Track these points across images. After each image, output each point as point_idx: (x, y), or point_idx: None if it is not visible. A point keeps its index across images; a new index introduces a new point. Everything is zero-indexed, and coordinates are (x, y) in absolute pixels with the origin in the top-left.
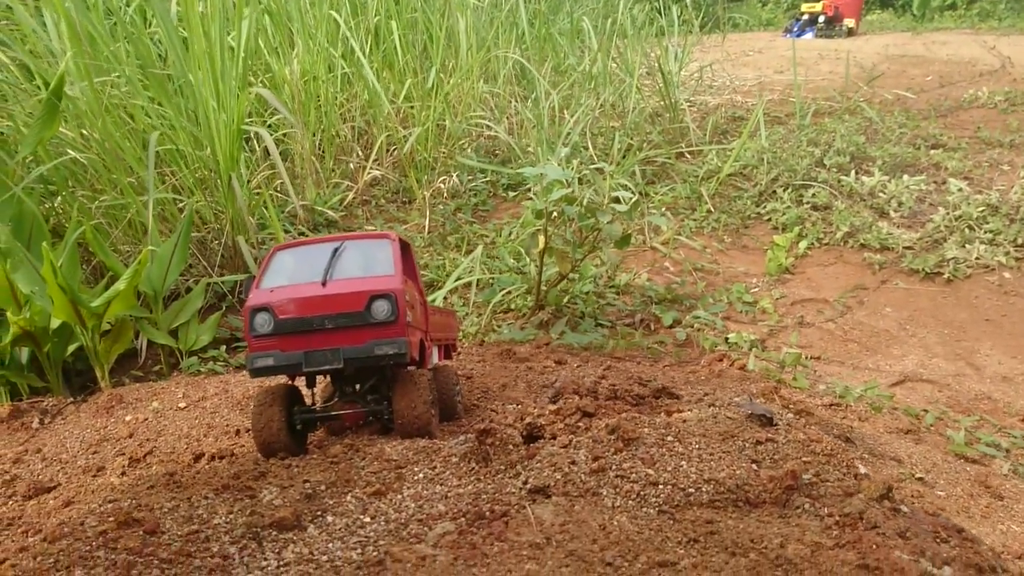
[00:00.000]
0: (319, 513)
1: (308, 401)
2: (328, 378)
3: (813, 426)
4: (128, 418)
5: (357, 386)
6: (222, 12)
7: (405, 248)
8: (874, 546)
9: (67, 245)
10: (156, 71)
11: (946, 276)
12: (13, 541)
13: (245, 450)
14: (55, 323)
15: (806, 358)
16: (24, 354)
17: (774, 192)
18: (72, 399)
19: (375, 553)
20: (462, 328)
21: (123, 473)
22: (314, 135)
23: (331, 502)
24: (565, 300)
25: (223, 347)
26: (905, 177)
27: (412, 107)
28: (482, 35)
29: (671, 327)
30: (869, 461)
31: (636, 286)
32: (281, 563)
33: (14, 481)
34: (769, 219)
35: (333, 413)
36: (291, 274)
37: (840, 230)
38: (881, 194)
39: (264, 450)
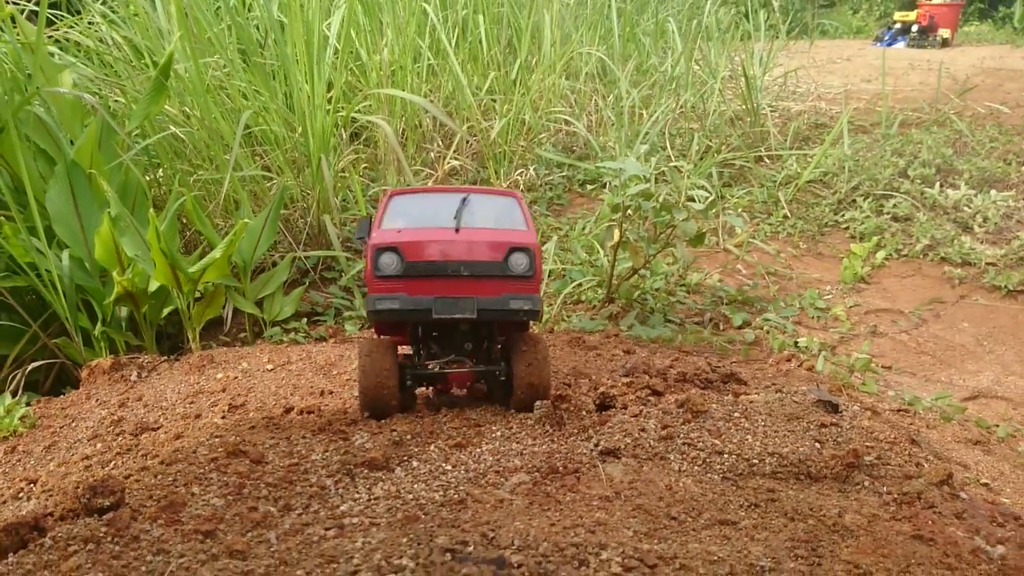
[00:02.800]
0: (405, 458)
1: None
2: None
3: (878, 421)
4: (219, 376)
5: (468, 344)
6: (319, 1)
7: None
8: (930, 522)
9: (168, 214)
10: (255, 55)
11: None
12: (134, 462)
13: (331, 408)
14: (154, 286)
15: (877, 366)
16: (124, 313)
17: (854, 201)
18: (166, 357)
19: (455, 495)
20: None
21: (223, 416)
22: (398, 123)
23: (416, 450)
24: (636, 295)
25: (304, 320)
26: (993, 192)
27: (494, 100)
28: (566, 31)
29: (740, 328)
30: (933, 462)
31: (707, 286)
32: (372, 497)
33: (121, 422)
34: (847, 227)
35: (446, 371)
36: (415, 218)
37: (920, 242)
38: (966, 208)
39: (371, 405)
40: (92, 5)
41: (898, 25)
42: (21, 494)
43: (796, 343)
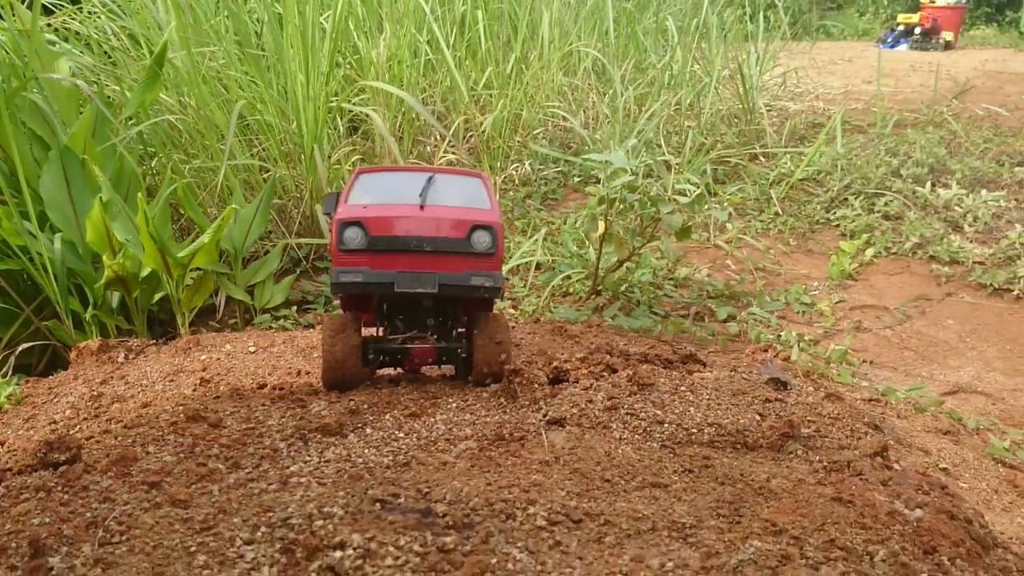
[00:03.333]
0: (360, 426)
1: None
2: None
3: (838, 407)
4: (203, 357)
5: (431, 321)
6: None
7: None
8: (852, 487)
9: (160, 200)
10: (251, 46)
11: (1015, 293)
12: (98, 427)
13: (301, 384)
14: (144, 271)
15: (860, 361)
16: (115, 298)
17: (846, 199)
18: (154, 341)
19: (403, 459)
20: (520, 308)
21: (194, 389)
22: (395, 116)
23: (371, 418)
24: (622, 288)
25: (294, 308)
26: (984, 192)
27: (491, 95)
28: (566, 28)
29: (725, 321)
30: (894, 447)
31: (695, 280)
32: (322, 460)
33: (100, 397)
34: (838, 225)
35: (408, 347)
36: (381, 195)
37: (910, 240)
38: (957, 207)
39: (332, 377)
40: None
41: (901, 27)
42: None
43: (779, 336)
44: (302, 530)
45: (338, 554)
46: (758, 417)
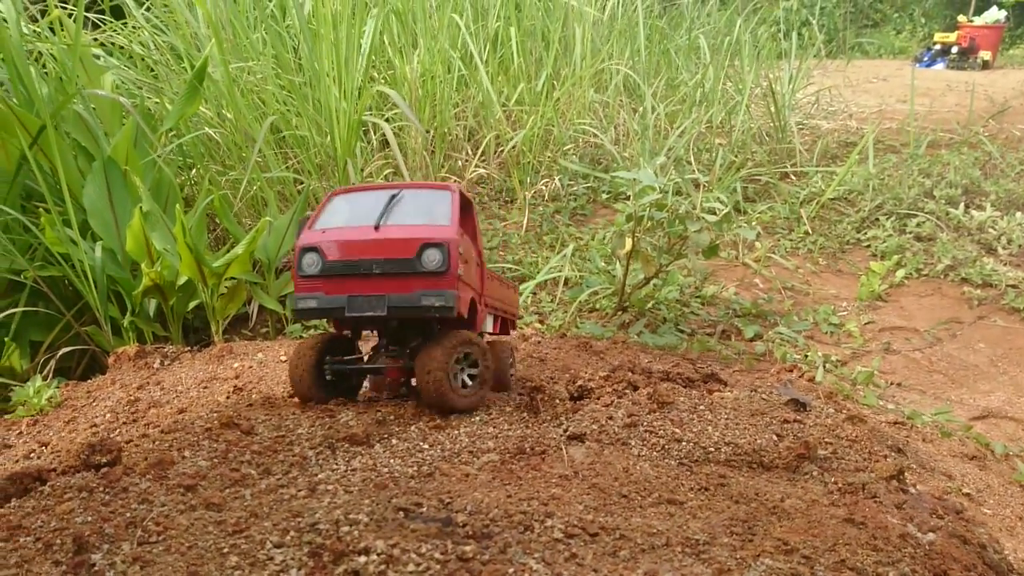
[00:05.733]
0: (386, 436)
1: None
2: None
3: (857, 429)
4: (236, 365)
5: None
6: (351, 10)
7: (467, 205)
8: (866, 509)
9: (197, 210)
10: (287, 61)
11: None
12: (137, 430)
13: None
14: (181, 279)
15: (887, 383)
16: (152, 305)
17: (877, 219)
18: (189, 348)
19: (427, 469)
20: (547, 323)
21: (227, 397)
22: (428, 131)
23: (397, 429)
24: (649, 305)
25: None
26: (1019, 215)
27: (523, 110)
28: (597, 46)
29: (751, 340)
30: (916, 471)
31: (722, 299)
32: (349, 468)
33: (137, 401)
34: (868, 246)
35: (365, 366)
36: (346, 217)
37: (942, 262)
38: (991, 230)
39: (296, 394)
40: (136, 11)
41: (938, 46)
42: (32, 454)
43: (805, 356)
44: (329, 535)
45: (363, 559)
46: (775, 437)
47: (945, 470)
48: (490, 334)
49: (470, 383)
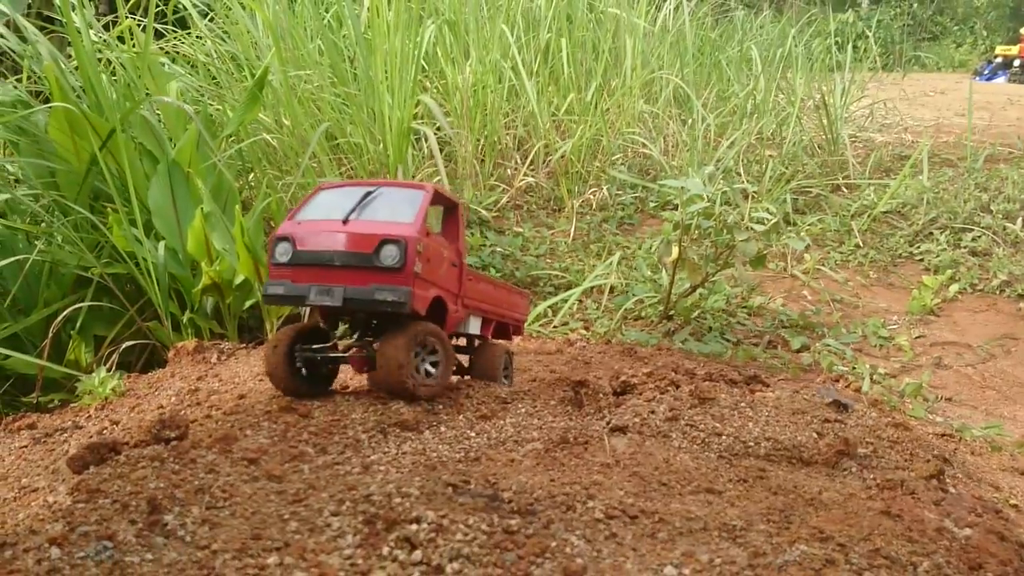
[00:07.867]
0: (435, 424)
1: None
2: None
3: (899, 432)
4: None
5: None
6: (406, 21)
7: (452, 208)
8: (903, 503)
9: (255, 212)
10: (343, 71)
11: None
12: (201, 412)
13: None
14: (238, 279)
15: (937, 398)
16: (210, 303)
17: (931, 233)
18: (244, 345)
19: (473, 455)
20: (592, 329)
21: None
22: (478, 140)
23: (446, 417)
24: (694, 314)
25: None
26: None
27: (573, 120)
28: (648, 57)
29: (798, 351)
30: (961, 480)
31: (769, 309)
32: (400, 451)
33: (197, 391)
34: (922, 259)
35: (333, 355)
36: (324, 211)
37: (997, 277)
38: None
39: (274, 385)
40: (199, 21)
41: (999, 59)
42: (104, 431)
43: (853, 367)
44: (382, 505)
45: (414, 527)
46: (815, 435)
47: (993, 481)
48: (479, 337)
49: (433, 371)
